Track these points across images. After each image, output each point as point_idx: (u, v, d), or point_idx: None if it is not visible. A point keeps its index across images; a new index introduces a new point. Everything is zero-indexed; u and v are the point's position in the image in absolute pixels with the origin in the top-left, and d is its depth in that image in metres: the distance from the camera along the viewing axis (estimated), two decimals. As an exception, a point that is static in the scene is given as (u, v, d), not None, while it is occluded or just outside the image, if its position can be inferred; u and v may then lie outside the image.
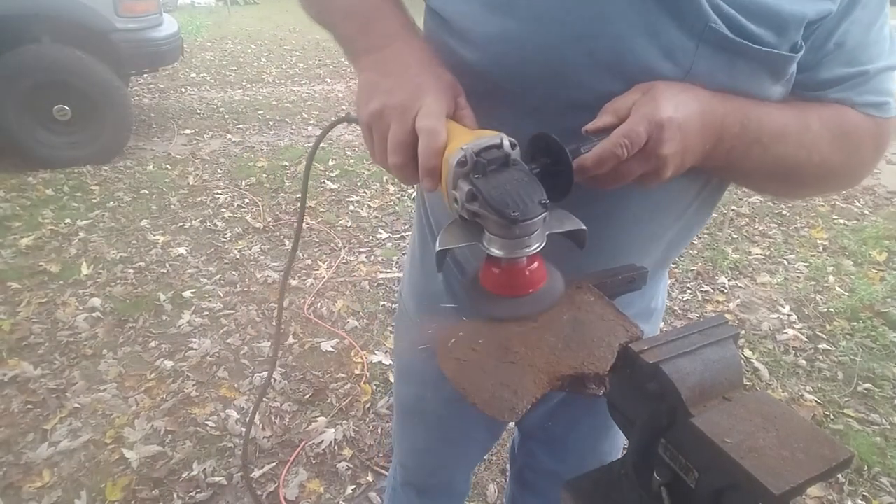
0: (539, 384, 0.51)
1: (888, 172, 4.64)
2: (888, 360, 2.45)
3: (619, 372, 0.52)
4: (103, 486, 1.79)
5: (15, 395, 2.11)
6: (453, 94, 0.60)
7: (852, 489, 1.87)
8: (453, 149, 0.52)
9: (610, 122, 0.56)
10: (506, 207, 0.48)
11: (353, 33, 0.67)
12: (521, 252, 0.53)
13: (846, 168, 0.69)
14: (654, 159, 0.56)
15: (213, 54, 8.24)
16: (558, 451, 1.03)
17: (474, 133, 0.54)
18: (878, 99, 0.65)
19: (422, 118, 0.55)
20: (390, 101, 0.57)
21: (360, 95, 0.61)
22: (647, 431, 0.53)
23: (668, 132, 0.54)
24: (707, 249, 3.35)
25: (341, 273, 3.02)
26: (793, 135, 0.62)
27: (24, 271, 2.85)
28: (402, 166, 0.58)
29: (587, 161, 0.55)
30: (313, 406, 2.15)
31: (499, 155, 0.51)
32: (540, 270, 0.56)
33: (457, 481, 1.16)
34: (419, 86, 0.57)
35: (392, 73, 0.60)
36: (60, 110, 3.94)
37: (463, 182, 0.52)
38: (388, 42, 0.63)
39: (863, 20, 0.61)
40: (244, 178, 4.10)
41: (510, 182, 0.50)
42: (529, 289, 0.56)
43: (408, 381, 1.02)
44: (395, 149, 0.57)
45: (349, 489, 1.84)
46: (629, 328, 0.55)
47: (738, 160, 0.62)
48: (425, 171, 0.55)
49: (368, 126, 0.59)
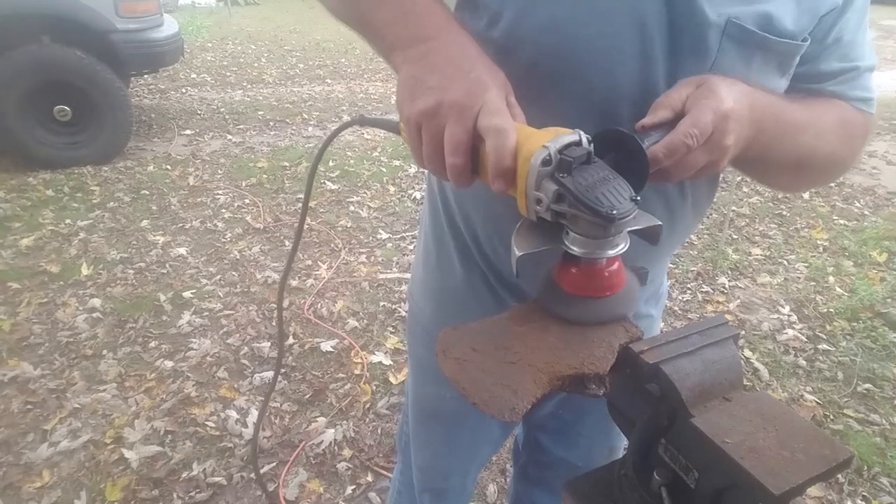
0: (539, 384, 0.51)
1: (888, 173, 4.65)
2: (888, 360, 2.45)
3: (619, 372, 0.52)
4: (103, 486, 1.79)
5: (15, 395, 2.11)
6: (506, 90, 0.57)
7: (852, 489, 1.87)
8: (531, 148, 0.50)
9: (666, 116, 0.57)
10: (601, 206, 0.46)
11: (390, 23, 0.61)
12: (609, 252, 0.51)
13: (846, 158, 0.74)
14: (718, 150, 0.57)
15: (214, 55, 8.24)
16: (569, 438, 1.03)
17: (549, 131, 0.52)
18: (866, 94, 0.73)
19: (488, 116, 0.52)
20: (446, 98, 0.53)
21: (404, 92, 0.57)
22: (647, 431, 0.53)
23: (731, 123, 0.56)
24: (707, 250, 3.35)
25: (341, 273, 3.02)
26: (810, 128, 0.67)
27: (24, 271, 2.85)
28: (462, 168, 0.54)
29: (658, 152, 0.55)
30: (313, 406, 2.15)
31: (581, 152, 0.49)
32: (620, 270, 0.55)
33: (468, 483, 1.16)
34: (477, 80, 0.54)
35: (441, 67, 0.56)
36: (60, 110, 3.94)
37: (548, 182, 0.49)
38: (435, 33, 0.59)
39: (854, 19, 0.68)
40: (244, 178, 4.10)
41: (598, 179, 0.49)
42: (613, 289, 0.54)
43: (426, 382, 1.01)
44: (455, 149, 0.53)
45: (349, 489, 1.84)
46: (629, 328, 0.55)
47: (769, 152, 0.65)
48: (498, 172, 0.51)
49: (418, 125, 0.55)
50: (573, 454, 1.03)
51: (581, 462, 1.03)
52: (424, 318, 0.96)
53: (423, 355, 0.99)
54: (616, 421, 0.61)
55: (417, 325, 0.99)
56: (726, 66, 0.61)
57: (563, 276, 0.55)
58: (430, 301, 0.94)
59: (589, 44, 0.61)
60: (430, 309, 0.94)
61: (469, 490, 1.18)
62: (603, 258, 0.52)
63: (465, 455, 1.08)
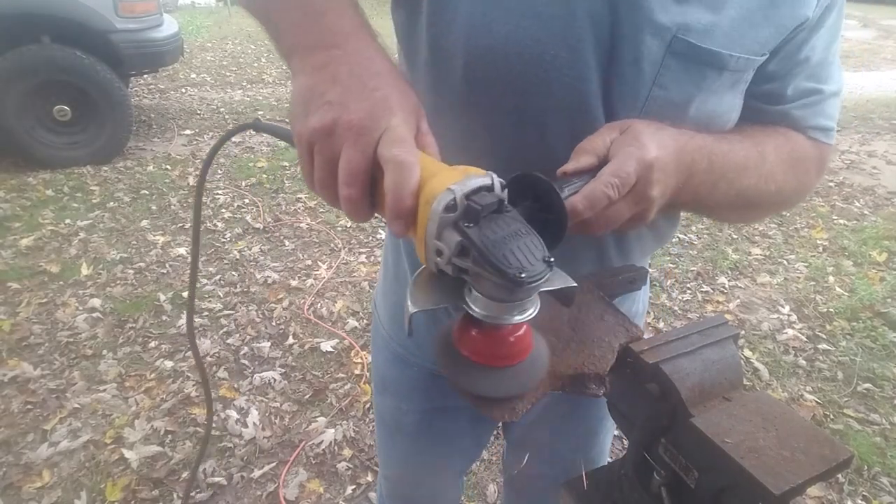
0: (539, 384, 0.51)
1: (888, 173, 4.65)
2: (888, 360, 2.46)
3: (619, 372, 0.52)
4: (103, 486, 1.79)
5: (15, 395, 2.11)
6: (416, 117, 0.50)
7: (852, 489, 1.87)
8: (436, 189, 0.43)
9: (590, 162, 0.53)
10: (508, 266, 0.39)
11: (292, 24, 0.54)
12: (516, 318, 0.44)
13: (796, 192, 0.71)
14: (643, 201, 0.53)
15: (214, 55, 8.24)
16: (547, 456, 1.01)
17: (458, 169, 0.45)
18: (827, 123, 0.69)
19: (389, 145, 0.45)
20: (344, 117, 0.46)
21: (298, 104, 0.50)
22: (647, 431, 0.53)
23: (656, 173, 0.52)
24: (707, 249, 3.35)
25: (341, 273, 3.02)
26: (753, 167, 0.63)
27: (24, 271, 2.84)
28: (358, 201, 0.47)
29: (577, 204, 0.50)
30: (313, 406, 2.15)
31: (491, 199, 0.42)
32: (527, 338, 0.47)
33: (444, 490, 1.13)
34: (382, 100, 0.47)
35: (343, 80, 0.48)
36: (60, 110, 3.94)
37: (450, 232, 0.42)
38: (340, 40, 0.51)
39: (825, 38, 0.64)
40: (244, 178, 4.10)
41: (508, 233, 0.42)
42: (516, 358, 0.47)
43: (384, 393, 0.99)
44: (349, 179, 0.46)
45: (349, 489, 1.84)
46: (629, 328, 0.55)
47: (706, 195, 0.61)
48: (396, 213, 0.44)
49: (309, 144, 0.48)
50: (553, 470, 1.00)
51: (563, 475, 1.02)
52: (384, 329, 0.93)
53: (382, 366, 0.96)
54: (616, 421, 0.61)
55: (378, 336, 0.96)
56: (669, 83, 0.58)
57: (462, 338, 0.47)
58: (388, 313, 0.92)
59: (521, 48, 0.57)
60: (388, 321, 0.92)
61: (450, 497, 1.16)
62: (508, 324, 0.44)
63: (431, 465, 1.05)
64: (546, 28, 0.56)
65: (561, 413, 0.93)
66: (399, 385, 0.94)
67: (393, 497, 1.13)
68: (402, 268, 0.85)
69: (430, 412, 0.93)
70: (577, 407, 0.93)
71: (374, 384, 1.03)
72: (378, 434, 1.08)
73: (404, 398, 0.94)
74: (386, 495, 1.14)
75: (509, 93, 0.60)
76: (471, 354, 0.47)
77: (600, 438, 0.99)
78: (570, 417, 0.94)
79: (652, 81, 0.58)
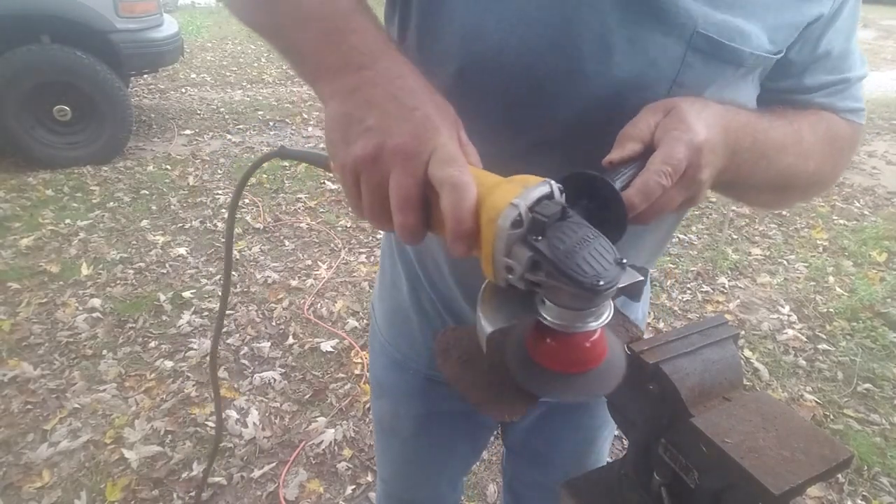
0: None
1: (888, 173, 4.65)
2: (888, 360, 2.46)
3: (619, 372, 0.52)
4: (103, 486, 1.79)
5: (15, 395, 2.11)
6: (457, 128, 0.48)
7: (852, 489, 1.87)
8: (498, 205, 0.41)
9: (636, 149, 0.51)
10: (584, 276, 0.39)
11: (313, 45, 0.51)
12: (593, 324, 0.43)
13: (832, 173, 0.70)
14: (694, 185, 0.51)
15: (214, 55, 8.24)
16: (542, 466, 1.01)
17: (514, 181, 0.43)
18: (856, 105, 0.68)
19: (441, 165, 0.43)
20: (389, 142, 0.44)
21: (335, 132, 0.47)
22: (647, 431, 0.53)
23: (706, 156, 0.50)
24: (707, 250, 3.35)
25: (341, 273, 3.02)
26: (791, 145, 0.61)
27: (24, 271, 2.84)
28: (415, 226, 0.45)
29: (633, 197, 0.48)
30: (313, 406, 2.15)
31: (555, 208, 0.41)
32: (602, 342, 0.46)
33: (441, 494, 1.13)
34: (425, 120, 0.45)
35: (380, 103, 0.46)
36: (60, 110, 3.94)
37: (520, 247, 0.41)
38: (368, 60, 0.48)
39: (843, 29, 0.63)
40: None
41: (577, 241, 0.40)
42: (594, 363, 0.46)
43: (381, 397, 0.98)
44: (404, 205, 0.44)
45: (349, 489, 1.84)
46: (629, 328, 0.55)
47: (746, 174, 0.59)
48: (458, 235, 0.42)
49: (355, 173, 0.46)
50: (549, 478, 1.01)
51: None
52: (381, 335, 0.93)
53: (379, 370, 0.96)
54: (616, 421, 0.61)
55: (376, 341, 0.96)
56: (689, 81, 0.56)
57: (538, 348, 0.46)
58: (384, 317, 0.92)
59: (514, 57, 0.55)
60: (385, 325, 0.92)
61: (448, 499, 1.15)
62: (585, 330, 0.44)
63: (428, 470, 1.05)
64: (540, 37, 0.54)
65: (558, 421, 0.92)
66: (396, 389, 0.93)
67: (390, 500, 1.12)
68: (398, 272, 0.84)
69: (427, 417, 0.92)
70: (574, 416, 0.92)
71: (371, 388, 1.03)
72: (375, 438, 1.08)
73: (401, 403, 0.93)
74: (383, 499, 1.13)
75: (504, 103, 0.58)
76: (549, 364, 0.46)
77: (597, 447, 0.98)
78: (568, 426, 0.93)
79: (671, 81, 0.56)
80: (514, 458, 1.08)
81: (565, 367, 0.46)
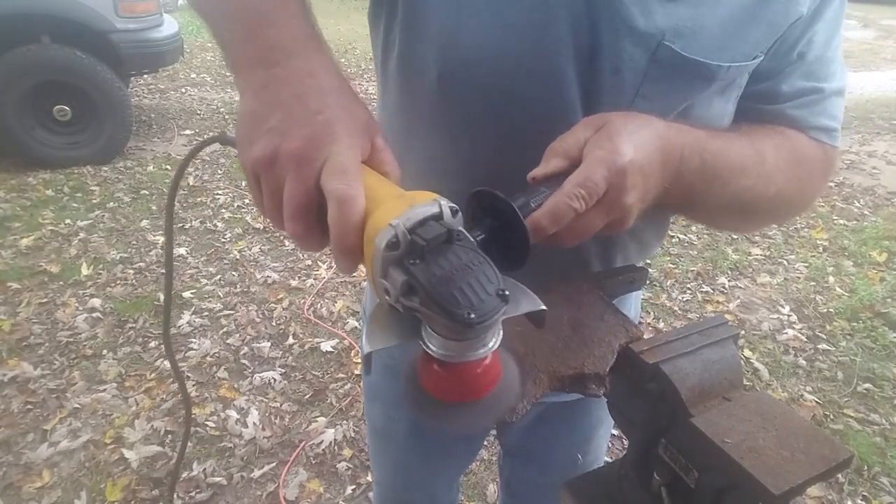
0: (539, 384, 0.51)
1: (888, 173, 4.65)
2: (888, 360, 2.46)
3: (619, 372, 0.52)
4: (103, 486, 1.79)
5: (15, 395, 2.11)
6: (369, 135, 0.47)
7: (852, 489, 1.87)
8: (379, 224, 0.39)
9: (560, 166, 0.49)
10: (457, 307, 0.36)
11: (234, 37, 0.50)
12: (474, 355, 0.39)
13: (799, 196, 0.67)
14: (616, 209, 0.49)
15: (214, 55, 8.23)
16: (539, 466, 1.01)
17: (403, 198, 0.41)
18: (829, 123, 0.64)
19: (331, 176, 0.41)
20: (285, 147, 0.43)
21: (241, 130, 0.46)
22: (647, 431, 0.53)
23: (630, 178, 0.47)
24: (707, 250, 3.35)
25: (341, 273, 3.02)
26: (751, 167, 0.58)
27: (24, 271, 2.84)
28: (305, 236, 0.44)
29: (540, 220, 0.46)
30: (313, 406, 2.15)
31: (439, 231, 0.39)
32: (494, 368, 0.42)
33: (438, 494, 1.12)
34: (324, 125, 0.43)
35: (285, 103, 0.45)
36: (60, 110, 3.94)
37: (395, 270, 0.39)
38: (282, 57, 0.47)
39: (823, 33, 0.60)
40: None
41: (457, 267, 0.38)
42: (482, 393, 0.42)
43: (374, 401, 0.98)
44: (293, 214, 0.43)
45: (349, 489, 1.84)
46: (629, 328, 0.55)
47: (699, 196, 0.57)
48: (341, 250, 0.41)
49: (255, 175, 0.45)
50: (546, 479, 1.00)
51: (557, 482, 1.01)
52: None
53: (372, 375, 0.94)
54: (616, 421, 0.61)
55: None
56: (653, 94, 0.54)
57: (426, 377, 0.42)
58: None
59: (494, 61, 0.54)
60: None
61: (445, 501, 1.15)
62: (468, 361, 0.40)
63: (423, 472, 1.05)
64: (519, 39, 0.53)
65: (555, 421, 0.92)
66: (389, 394, 0.93)
67: (386, 503, 1.12)
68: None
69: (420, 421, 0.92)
70: (571, 415, 0.92)
71: (364, 393, 1.02)
72: (370, 442, 1.08)
73: (394, 406, 0.93)
74: (380, 501, 1.13)
75: (485, 106, 0.57)
76: (435, 392, 0.42)
77: (594, 445, 0.98)
78: (565, 426, 0.93)
79: (635, 92, 0.55)
80: (510, 459, 1.08)
81: (452, 397, 0.42)
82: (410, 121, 0.61)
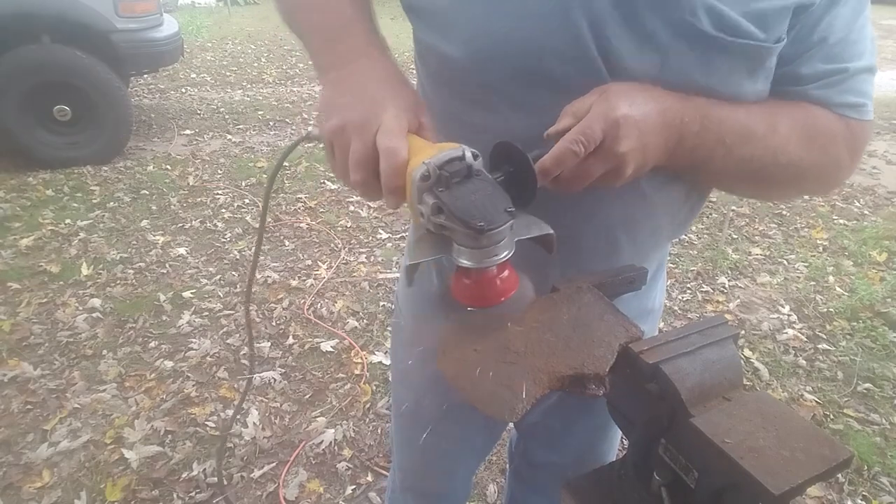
0: (539, 384, 0.51)
1: (888, 173, 4.65)
2: (888, 360, 2.46)
3: (619, 372, 0.52)
4: (103, 486, 1.79)
5: (15, 395, 2.11)
6: (415, 111, 0.59)
7: (852, 489, 1.87)
8: (416, 164, 0.52)
9: (570, 123, 0.57)
10: (471, 218, 0.49)
11: (317, 49, 0.67)
12: (490, 261, 0.52)
13: (818, 170, 0.67)
14: (613, 157, 0.56)
15: (214, 55, 8.24)
16: (558, 445, 1.03)
17: (436, 146, 0.54)
18: (856, 100, 0.65)
19: (381, 136, 0.55)
20: (349, 118, 0.57)
21: (321, 112, 0.61)
22: (647, 431, 0.53)
23: (623, 129, 0.55)
24: (707, 249, 3.35)
25: (341, 273, 3.02)
26: (758, 136, 0.61)
27: (24, 271, 2.84)
28: (364, 183, 0.57)
29: (546, 162, 0.56)
30: (313, 406, 2.15)
31: (461, 167, 0.52)
32: (511, 278, 0.55)
33: (456, 486, 1.15)
34: (378, 102, 0.57)
35: (350, 90, 0.60)
36: (60, 110, 3.94)
37: (428, 196, 0.52)
38: (351, 60, 0.63)
39: (845, 16, 0.61)
40: (244, 178, 4.10)
41: (474, 193, 0.51)
42: (501, 297, 0.55)
43: (403, 386, 1.02)
44: (356, 166, 0.56)
45: (349, 489, 1.84)
46: (629, 328, 0.55)
47: (703, 161, 0.62)
48: (388, 189, 0.55)
49: (330, 143, 0.59)
50: (563, 459, 1.03)
51: (571, 466, 1.03)
52: (405, 323, 0.96)
53: (402, 360, 0.99)
54: (616, 421, 0.61)
55: (399, 330, 0.99)
56: (678, 69, 0.58)
57: (456, 289, 0.57)
58: (410, 307, 0.94)
59: (521, 47, 0.60)
60: (410, 315, 0.94)
61: (460, 494, 1.18)
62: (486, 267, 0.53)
63: (445, 460, 1.07)
64: (544, 25, 0.58)
65: (573, 404, 0.94)
66: (420, 380, 0.96)
67: (405, 489, 1.14)
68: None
69: (448, 408, 0.94)
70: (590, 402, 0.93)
71: (393, 378, 1.07)
72: (395, 426, 1.10)
73: (426, 392, 0.96)
74: (399, 487, 1.15)
75: (516, 88, 0.63)
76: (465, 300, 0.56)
77: (610, 434, 1.01)
78: (582, 409, 0.95)
79: (657, 70, 0.58)
80: (526, 441, 1.11)
81: (478, 302, 0.55)
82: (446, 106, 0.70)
